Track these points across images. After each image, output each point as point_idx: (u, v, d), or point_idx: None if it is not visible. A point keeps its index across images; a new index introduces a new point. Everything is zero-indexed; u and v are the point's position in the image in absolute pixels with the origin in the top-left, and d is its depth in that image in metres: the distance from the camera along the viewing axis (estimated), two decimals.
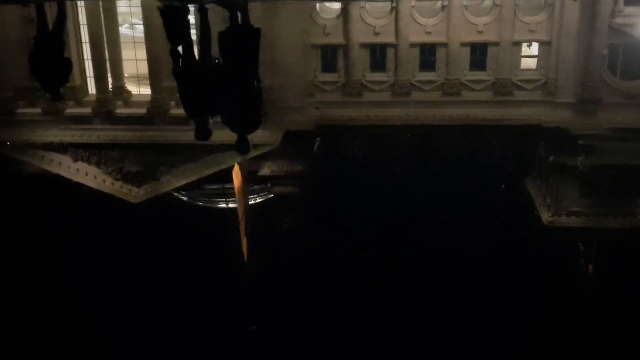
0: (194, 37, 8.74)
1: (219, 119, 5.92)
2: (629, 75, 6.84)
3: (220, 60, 8.28)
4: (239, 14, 11.75)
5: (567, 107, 5.73)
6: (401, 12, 8.79)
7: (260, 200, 4.34)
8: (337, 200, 4.14)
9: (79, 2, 9.98)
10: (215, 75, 7.57)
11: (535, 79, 6.20)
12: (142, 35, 8.27)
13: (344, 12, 9.02)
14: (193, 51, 9.09)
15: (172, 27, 7.55)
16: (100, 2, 9.78)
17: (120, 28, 8.60)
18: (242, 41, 9.70)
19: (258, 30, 10.34)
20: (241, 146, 5.29)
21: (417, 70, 6.51)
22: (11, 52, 7.60)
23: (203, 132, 5.74)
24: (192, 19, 8.38)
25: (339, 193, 4.22)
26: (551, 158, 4.88)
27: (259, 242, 3.72)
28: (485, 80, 6.17)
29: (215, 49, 8.22)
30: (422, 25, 8.29)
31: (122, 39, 8.13)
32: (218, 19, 9.57)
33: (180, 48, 7.37)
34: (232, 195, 4.45)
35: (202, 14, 12.00)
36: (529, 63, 7.05)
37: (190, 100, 6.64)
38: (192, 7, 11.14)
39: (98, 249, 3.60)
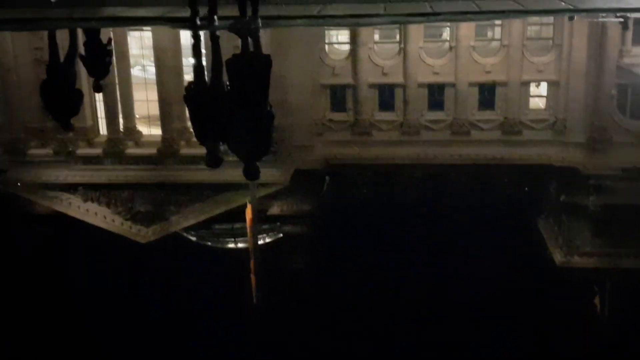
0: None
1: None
2: (638, 115, 6.85)
3: (231, 86, 8.41)
4: (250, 41, 11.98)
5: (577, 146, 5.73)
6: (409, 53, 8.87)
7: (269, 239, 4.34)
8: (347, 239, 4.12)
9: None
10: (226, 101, 7.68)
11: (544, 119, 6.21)
12: (154, 77, 8.38)
13: (353, 53, 9.11)
14: (204, 77, 9.26)
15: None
16: (113, 45, 9.92)
17: (132, 70, 8.73)
18: (253, 67, 9.85)
19: (269, 57, 10.56)
20: (250, 172, 5.34)
21: (426, 110, 6.55)
22: (23, 93, 7.70)
23: (214, 159, 5.82)
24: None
25: (349, 232, 4.21)
26: (562, 198, 4.86)
27: (268, 281, 3.70)
28: (494, 120, 6.18)
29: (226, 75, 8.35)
30: (430, 65, 8.36)
31: (133, 81, 8.24)
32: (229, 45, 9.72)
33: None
34: (241, 235, 4.45)
35: (213, 40, 12.23)
36: (537, 103, 7.08)
37: (201, 126, 6.71)
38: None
39: (105, 289, 3.59)
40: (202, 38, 11.70)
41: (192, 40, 11.86)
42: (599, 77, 7.73)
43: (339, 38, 11.21)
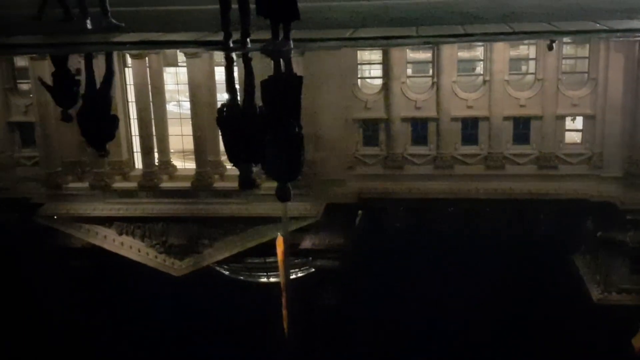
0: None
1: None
2: None
3: (263, 107, 8.62)
4: (282, 62, 12.25)
5: (614, 181, 5.64)
6: (442, 87, 8.87)
7: (301, 274, 4.32)
8: (379, 274, 4.09)
9: (128, 82, 10.33)
10: (258, 123, 7.87)
11: (580, 153, 6.13)
12: (189, 112, 8.50)
13: (385, 88, 9.14)
14: (237, 99, 9.46)
15: None
16: (149, 81, 10.12)
17: (167, 105, 8.87)
18: (285, 89, 10.03)
19: (300, 78, 10.78)
20: (282, 194, 5.42)
21: (460, 144, 6.51)
22: (61, 128, 7.86)
23: (247, 182, 5.93)
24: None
25: (381, 267, 4.17)
26: (599, 233, 4.77)
27: (300, 316, 3.68)
28: (529, 154, 6.12)
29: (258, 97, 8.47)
30: (464, 99, 8.34)
31: (169, 116, 8.37)
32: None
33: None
34: (273, 269, 4.44)
35: (246, 62, 12.53)
36: (573, 137, 7.00)
37: (233, 148, 6.85)
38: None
39: (139, 321, 3.60)
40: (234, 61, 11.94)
41: (225, 63, 12.13)
42: (636, 111, 7.64)
43: (371, 72, 11.27)
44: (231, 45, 12.62)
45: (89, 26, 15.39)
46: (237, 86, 10.26)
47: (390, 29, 13.62)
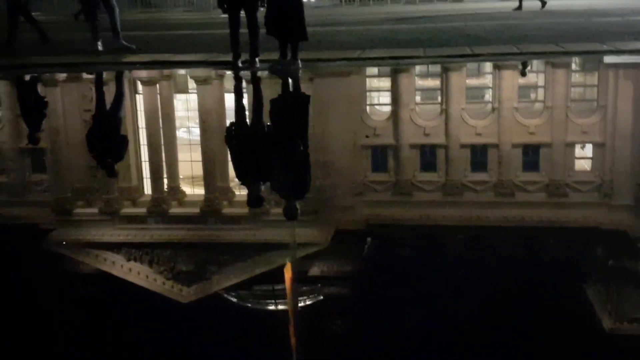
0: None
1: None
2: None
3: (271, 126, 8.77)
4: (290, 82, 12.47)
5: (625, 209, 5.60)
6: (451, 114, 8.89)
7: (309, 301, 4.29)
8: (389, 302, 4.06)
9: (139, 109, 10.40)
10: (266, 141, 8.02)
11: (590, 181, 6.10)
12: (198, 138, 8.54)
13: (394, 114, 9.17)
14: (245, 118, 9.60)
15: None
16: (160, 108, 10.19)
17: (177, 132, 8.91)
18: (293, 108, 10.16)
19: (308, 98, 10.96)
20: (289, 212, 5.47)
21: (469, 171, 6.50)
22: (72, 154, 7.91)
23: (255, 200, 6.00)
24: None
25: (390, 295, 4.14)
26: (610, 262, 4.72)
27: (308, 344, 3.65)
28: (538, 182, 6.10)
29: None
30: (473, 126, 8.34)
31: (178, 142, 8.40)
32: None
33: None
34: (281, 296, 4.42)
35: (254, 81, 12.76)
36: (583, 164, 6.98)
37: (241, 166, 6.96)
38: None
39: (146, 348, 3.58)
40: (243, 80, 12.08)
41: (234, 82, 12.30)
42: None
43: (380, 99, 11.31)
44: (240, 65, 12.90)
45: (100, 48, 15.68)
46: (246, 105, 10.36)
47: (398, 50, 13.74)
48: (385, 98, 11.12)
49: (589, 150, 7.20)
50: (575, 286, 4.20)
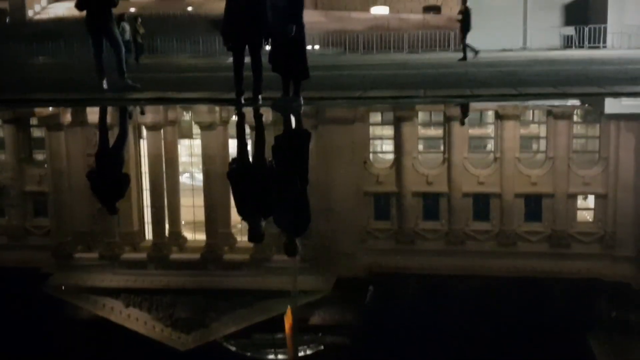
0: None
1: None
2: None
3: (272, 162, 8.88)
4: (292, 118, 12.67)
5: (628, 261, 5.57)
6: (454, 163, 8.91)
7: (310, 351, 4.23)
8: (390, 352, 4.00)
9: (142, 152, 10.45)
10: (268, 177, 8.11)
11: (593, 232, 6.08)
12: (201, 184, 8.55)
13: (397, 162, 9.19)
14: (247, 154, 9.72)
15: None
16: (163, 153, 10.24)
17: (180, 177, 8.93)
18: (295, 144, 10.29)
19: (309, 134, 11.13)
20: (289, 249, 5.50)
21: (471, 220, 6.48)
22: (74, 199, 7.91)
23: (256, 235, 6.02)
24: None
25: (392, 345, 4.09)
26: (614, 314, 4.68)
27: None
28: (541, 232, 6.07)
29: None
30: (475, 175, 8.35)
31: (181, 187, 8.41)
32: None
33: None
34: (282, 345, 4.36)
35: (257, 118, 12.98)
36: (585, 216, 6.97)
37: (243, 201, 7.02)
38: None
39: None
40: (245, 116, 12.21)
41: (237, 119, 12.47)
42: None
43: (383, 147, 11.36)
44: (243, 101, 13.14)
45: (105, 86, 16.00)
46: (248, 141, 10.44)
47: (399, 90, 13.90)
48: (389, 146, 11.17)
49: (591, 201, 7.19)
50: (578, 339, 4.14)
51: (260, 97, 13.33)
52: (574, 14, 55.08)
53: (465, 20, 32.92)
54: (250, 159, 9.34)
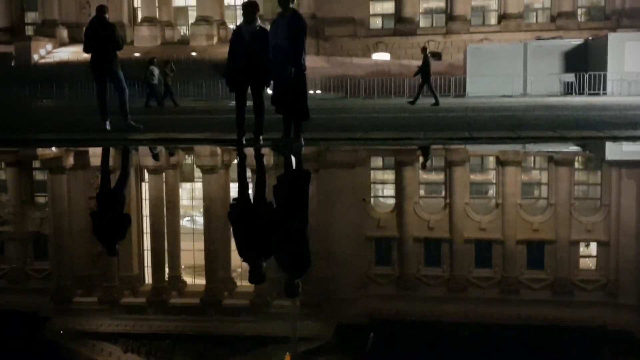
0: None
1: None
2: None
3: (273, 202, 8.92)
4: (293, 159, 12.83)
5: (630, 309, 5.52)
6: (455, 209, 8.90)
7: None
8: None
9: (143, 195, 10.46)
10: (269, 217, 8.16)
11: (595, 280, 6.03)
12: (201, 227, 8.53)
13: (398, 207, 9.19)
14: (248, 195, 9.76)
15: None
16: (165, 196, 10.24)
17: (181, 220, 8.92)
18: (295, 187, 10.34)
19: (309, 176, 11.26)
20: (289, 289, 5.47)
21: (473, 267, 6.44)
22: (74, 242, 7.89)
23: (257, 276, 6.01)
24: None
25: None
26: None
27: None
28: (543, 280, 6.03)
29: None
30: (477, 221, 8.33)
31: (182, 231, 8.40)
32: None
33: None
34: None
35: (257, 158, 13.12)
36: (587, 263, 6.93)
37: (244, 241, 7.03)
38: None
39: None
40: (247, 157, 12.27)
41: (238, 159, 12.57)
42: None
43: (384, 192, 11.36)
44: (244, 142, 13.33)
45: (108, 127, 16.22)
46: (249, 181, 10.47)
47: (399, 132, 14.00)
48: (390, 190, 11.18)
49: (593, 248, 7.16)
50: None
51: (261, 137, 13.58)
52: (574, 61, 55.68)
53: (424, 68, 34.58)
54: (251, 201, 9.37)
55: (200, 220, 8.93)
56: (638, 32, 61.73)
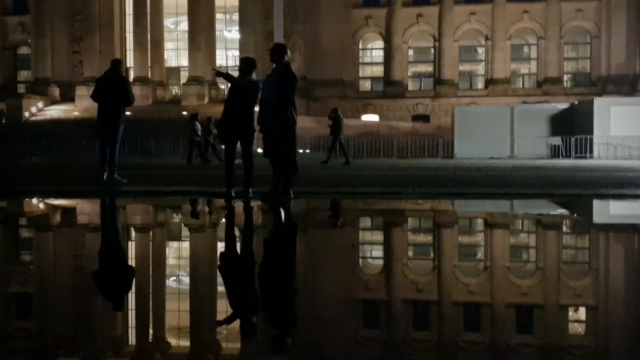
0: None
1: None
2: None
3: (259, 260, 8.92)
4: (282, 211, 12.85)
5: None
6: (444, 271, 8.88)
7: None
8: None
9: (129, 255, 10.38)
10: (257, 269, 8.21)
11: (585, 345, 5.97)
12: (187, 287, 8.44)
13: (386, 268, 9.16)
14: (236, 247, 9.77)
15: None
16: (151, 255, 10.17)
17: (167, 280, 8.83)
18: (281, 243, 10.35)
19: (296, 229, 11.34)
20: (274, 352, 5.41)
21: (462, 330, 6.37)
22: (58, 301, 7.79)
23: (249, 328, 5.99)
24: None
25: None
26: None
27: None
28: (532, 344, 5.95)
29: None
30: (466, 284, 8.30)
31: (167, 291, 8.30)
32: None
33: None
34: None
35: (246, 211, 13.15)
36: (576, 327, 6.87)
37: (234, 295, 7.04)
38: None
39: None
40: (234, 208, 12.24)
41: (227, 212, 12.56)
42: (639, 303, 7.57)
43: (373, 253, 11.33)
44: (233, 194, 13.43)
45: (105, 179, 16.50)
46: (237, 236, 10.43)
47: (387, 187, 14.05)
48: (378, 251, 11.14)
49: (582, 313, 7.12)
50: None
51: (250, 190, 13.71)
52: (560, 124, 56.53)
53: (335, 126, 35.85)
54: (237, 258, 9.29)
55: (186, 279, 8.84)
56: (623, 98, 62.97)
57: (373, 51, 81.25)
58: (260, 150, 14.06)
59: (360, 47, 79.95)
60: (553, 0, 73.71)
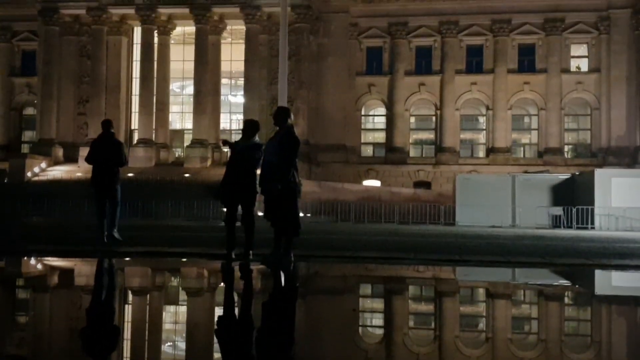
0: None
1: None
2: None
3: (258, 326, 8.83)
4: (282, 275, 12.73)
5: None
6: (445, 342, 8.77)
7: None
8: None
9: (125, 319, 10.27)
10: (256, 335, 8.14)
11: None
12: (183, 353, 8.30)
13: (387, 337, 9.02)
14: (234, 311, 9.65)
15: None
16: (147, 320, 10.05)
17: (162, 346, 8.70)
18: (284, 303, 10.22)
19: (297, 289, 11.21)
20: None
21: None
22: (53, 346, 7.68)
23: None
24: None
25: None
26: None
27: None
28: None
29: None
30: (467, 355, 8.17)
31: (162, 357, 8.15)
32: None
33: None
34: None
35: (244, 273, 13.02)
36: None
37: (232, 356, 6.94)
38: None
39: None
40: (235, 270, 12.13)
41: (227, 274, 12.45)
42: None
43: (373, 322, 11.20)
44: (234, 256, 13.35)
45: (106, 240, 16.51)
46: (236, 300, 10.31)
47: (389, 252, 13.96)
48: (379, 320, 11.00)
49: None
50: None
51: (251, 252, 13.65)
52: (562, 195, 56.61)
53: None
54: (235, 321, 9.15)
55: (182, 345, 8.71)
56: (624, 169, 63.26)
57: (375, 118, 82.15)
58: (261, 213, 14.06)
59: (363, 113, 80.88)
60: (553, 72, 74.84)
